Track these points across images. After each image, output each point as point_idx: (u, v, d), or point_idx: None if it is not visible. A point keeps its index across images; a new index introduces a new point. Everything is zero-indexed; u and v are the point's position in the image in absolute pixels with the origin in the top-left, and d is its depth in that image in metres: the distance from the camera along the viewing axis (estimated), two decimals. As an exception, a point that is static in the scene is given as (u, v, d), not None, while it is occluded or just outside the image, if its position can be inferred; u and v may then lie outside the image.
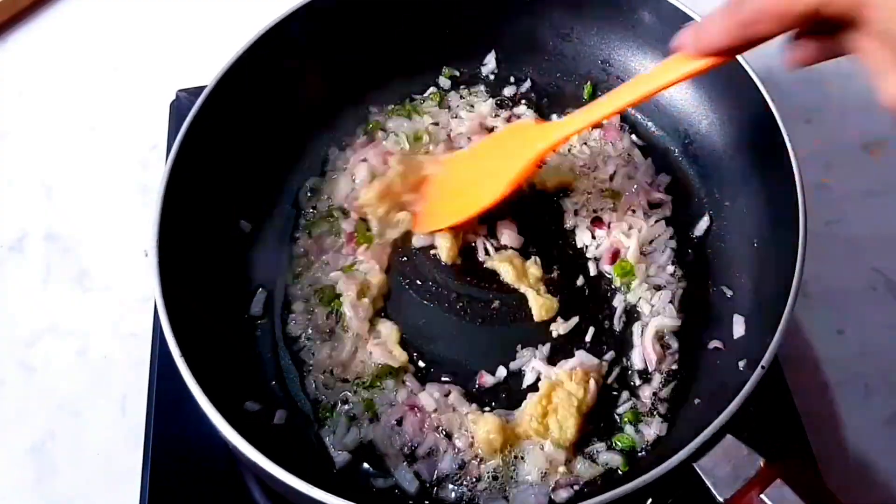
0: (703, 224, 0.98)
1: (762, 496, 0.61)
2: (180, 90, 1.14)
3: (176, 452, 0.87)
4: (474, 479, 0.81)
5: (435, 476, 0.81)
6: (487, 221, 0.98)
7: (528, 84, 1.12)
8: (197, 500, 0.86)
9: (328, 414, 0.85)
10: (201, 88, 0.92)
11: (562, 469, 0.80)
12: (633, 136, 1.06)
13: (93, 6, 1.35)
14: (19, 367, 0.99)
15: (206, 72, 0.93)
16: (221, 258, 0.92)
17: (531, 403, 0.83)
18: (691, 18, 0.95)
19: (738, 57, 0.91)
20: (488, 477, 0.81)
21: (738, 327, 0.87)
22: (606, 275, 0.94)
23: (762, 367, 0.71)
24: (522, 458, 0.81)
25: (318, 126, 1.06)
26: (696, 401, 0.84)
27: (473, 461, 0.82)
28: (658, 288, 0.92)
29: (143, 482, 0.86)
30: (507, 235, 0.97)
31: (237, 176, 0.97)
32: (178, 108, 1.12)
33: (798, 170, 0.82)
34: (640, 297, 0.92)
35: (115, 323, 1.02)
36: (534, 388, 0.86)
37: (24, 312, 1.03)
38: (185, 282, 0.82)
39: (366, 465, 0.82)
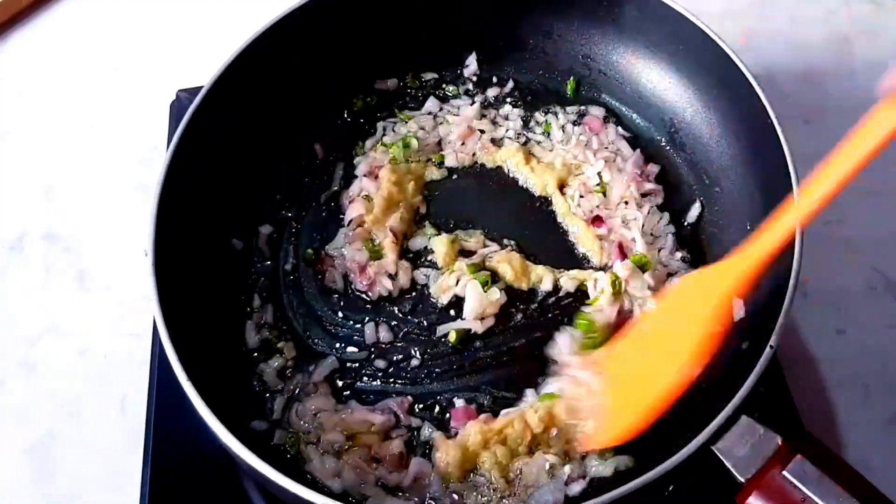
0: (695, 210, 0.95)
1: (784, 473, 0.58)
2: (180, 90, 1.09)
3: (176, 451, 0.83)
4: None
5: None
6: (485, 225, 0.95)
7: (510, 84, 1.07)
8: (196, 498, 0.82)
9: (294, 443, 0.80)
10: (201, 89, 0.88)
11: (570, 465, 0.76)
12: (619, 128, 1.02)
13: (93, 6, 1.30)
14: (20, 367, 0.94)
15: (206, 72, 0.89)
16: (218, 271, 0.88)
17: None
18: (672, 9, 0.93)
19: (730, 52, 0.88)
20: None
21: (738, 310, 0.82)
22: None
23: (770, 346, 0.67)
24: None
25: (302, 129, 1.02)
26: (701, 385, 0.79)
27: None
28: (670, 276, 0.88)
29: (143, 481, 0.81)
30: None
31: (230, 187, 0.93)
32: (178, 109, 1.07)
33: (792, 162, 0.79)
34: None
35: (115, 322, 0.97)
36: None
37: (24, 312, 0.98)
38: (182, 289, 0.79)
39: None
